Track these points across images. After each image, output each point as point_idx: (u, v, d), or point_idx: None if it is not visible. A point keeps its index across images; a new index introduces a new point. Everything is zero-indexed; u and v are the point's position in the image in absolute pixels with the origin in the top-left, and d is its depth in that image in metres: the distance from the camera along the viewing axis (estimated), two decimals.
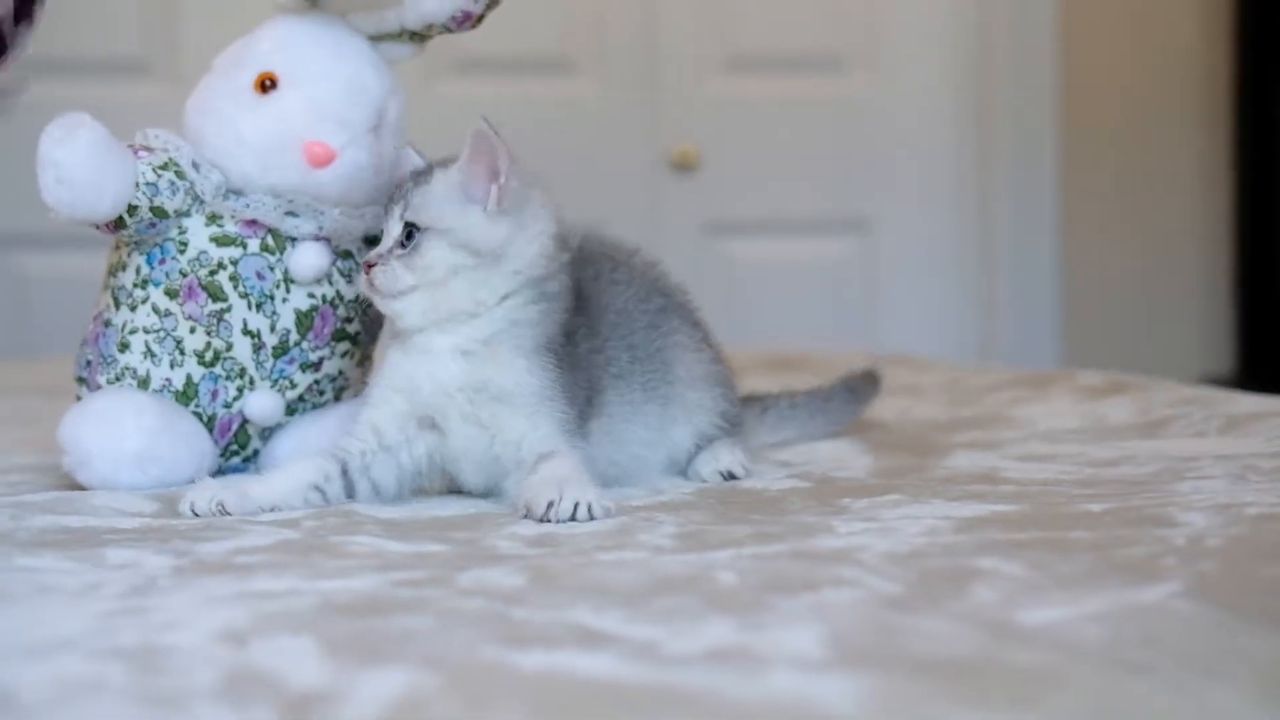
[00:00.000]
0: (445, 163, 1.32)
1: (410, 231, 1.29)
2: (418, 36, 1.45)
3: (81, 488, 1.33)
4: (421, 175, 1.32)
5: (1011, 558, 1.00)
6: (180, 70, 3.03)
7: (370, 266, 1.30)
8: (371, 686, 0.75)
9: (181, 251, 1.38)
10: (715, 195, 3.38)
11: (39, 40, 1.52)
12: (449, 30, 1.44)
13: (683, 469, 1.41)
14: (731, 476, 1.38)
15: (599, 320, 1.35)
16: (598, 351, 1.33)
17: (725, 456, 1.40)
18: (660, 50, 3.36)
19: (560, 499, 1.19)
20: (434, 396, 1.30)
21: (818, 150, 3.40)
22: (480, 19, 1.43)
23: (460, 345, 1.29)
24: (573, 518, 1.19)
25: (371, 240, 1.45)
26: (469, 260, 1.28)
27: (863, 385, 1.64)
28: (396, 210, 1.30)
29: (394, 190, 1.33)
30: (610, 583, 0.96)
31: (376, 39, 1.44)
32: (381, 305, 1.30)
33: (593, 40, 3.33)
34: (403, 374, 1.31)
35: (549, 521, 1.18)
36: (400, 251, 1.29)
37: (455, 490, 1.35)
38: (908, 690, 0.75)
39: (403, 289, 1.28)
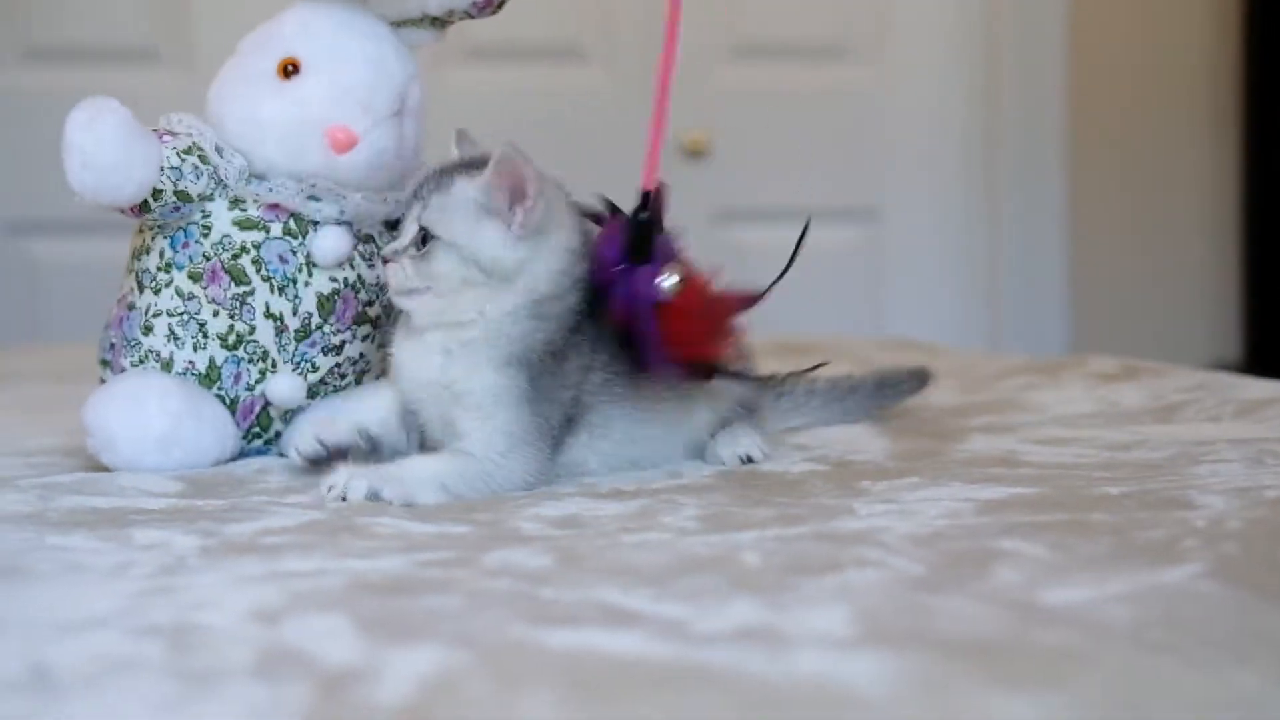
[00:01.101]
0: (473, 166, 1.31)
1: (426, 235, 1.29)
2: (439, 22, 1.46)
3: (105, 469, 1.34)
4: (446, 176, 1.30)
5: (1033, 539, 1.01)
6: (191, 58, 3.04)
7: (386, 261, 1.30)
8: (404, 664, 0.76)
9: (205, 235, 1.39)
10: (725, 183, 3.38)
11: (50, 28, 1.53)
12: (470, 16, 1.44)
13: (702, 452, 1.42)
14: (749, 460, 1.38)
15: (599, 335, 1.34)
16: (588, 369, 1.33)
17: (744, 440, 1.40)
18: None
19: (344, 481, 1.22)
20: (411, 386, 1.33)
21: (826, 139, 3.40)
22: (501, 4, 1.44)
23: (444, 343, 1.30)
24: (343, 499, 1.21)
25: (393, 224, 1.46)
26: (479, 277, 1.28)
27: (900, 381, 1.64)
28: (415, 209, 1.30)
29: (419, 182, 1.32)
30: (636, 563, 0.97)
31: (398, 24, 1.45)
32: (394, 300, 1.31)
33: (602, 28, 3.34)
34: (398, 360, 1.34)
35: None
36: (414, 253, 1.29)
37: None
38: (936, 670, 0.76)
39: (413, 289, 1.29)
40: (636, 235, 1.34)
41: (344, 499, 1.21)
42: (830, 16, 3.41)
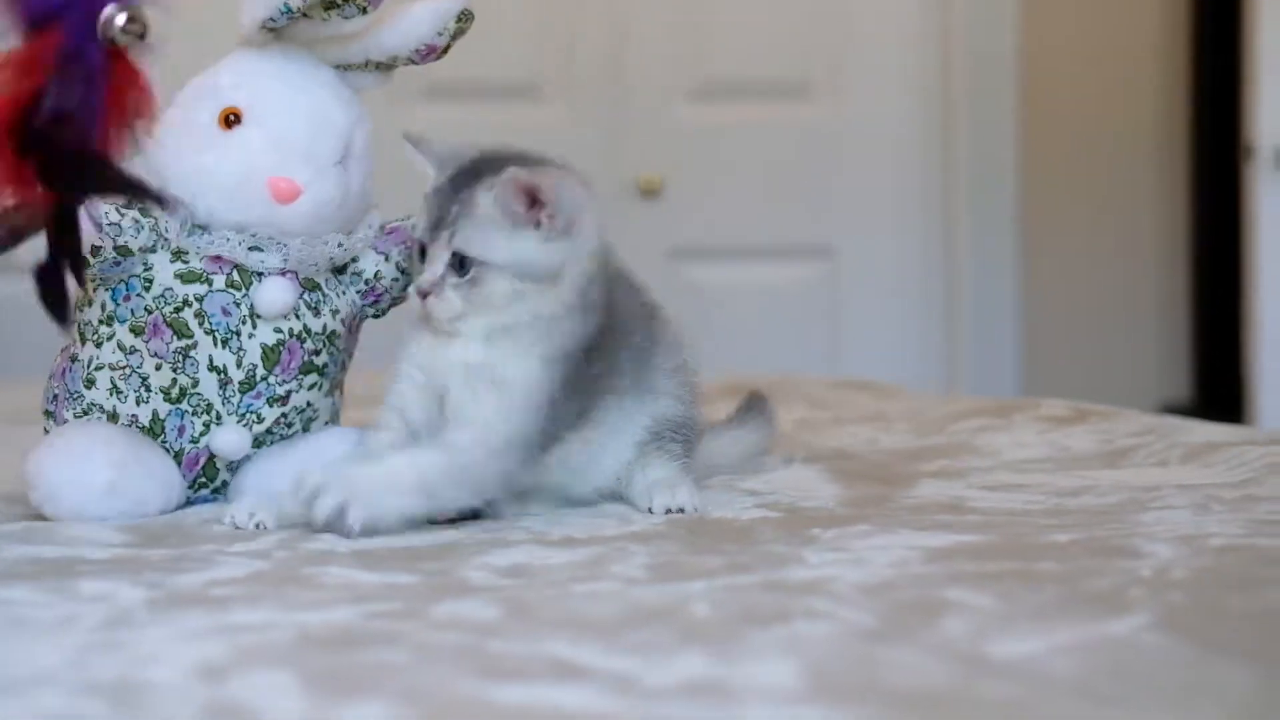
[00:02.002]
0: (488, 168, 1.30)
1: (462, 260, 1.29)
2: (383, 67, 1.46)
3: (49, 520, 1.33)
4: (465, 193, 1.30)
5: (981, 589, 1.01)
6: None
7: (424, 295, 1.30)
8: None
9: (147, 288, 1.38)
10: (681, 221, 3.40)
11: None
12: (413, 62, 1.44)
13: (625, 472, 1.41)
14: (679, 511, 1.36)
15: (614, 337, 1.36)
16: (602, 375, 1.35)
17: (681, 492, 1.37)
18: (627, 77, 3.38)
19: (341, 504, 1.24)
20: (437, 370, 1.32)
21: (782, 177, 3.43)
22: (445, 50, 1.44)
23: (486, 331, 1.31)
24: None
25: (339, 269, 1.45)
26: (531, 287, 1.29)
27: (761, 407, 1.63)
28: (443, 236, 1.29)
29: (433, 206, 1.31)
30: (586, 614, 0.97)
31: (342, 68, 1.44)
32: (438, 328, 1.31)
33: (560, 67, 3.35)
34: (418, 348, 1.33)
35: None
36: (455, 280, 1.29)
37: None
38: None
39: (460, 316, 1.30)
40: None
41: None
42: (786, 56, 3.44)
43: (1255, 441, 1.56)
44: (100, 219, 1.32)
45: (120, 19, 1.24)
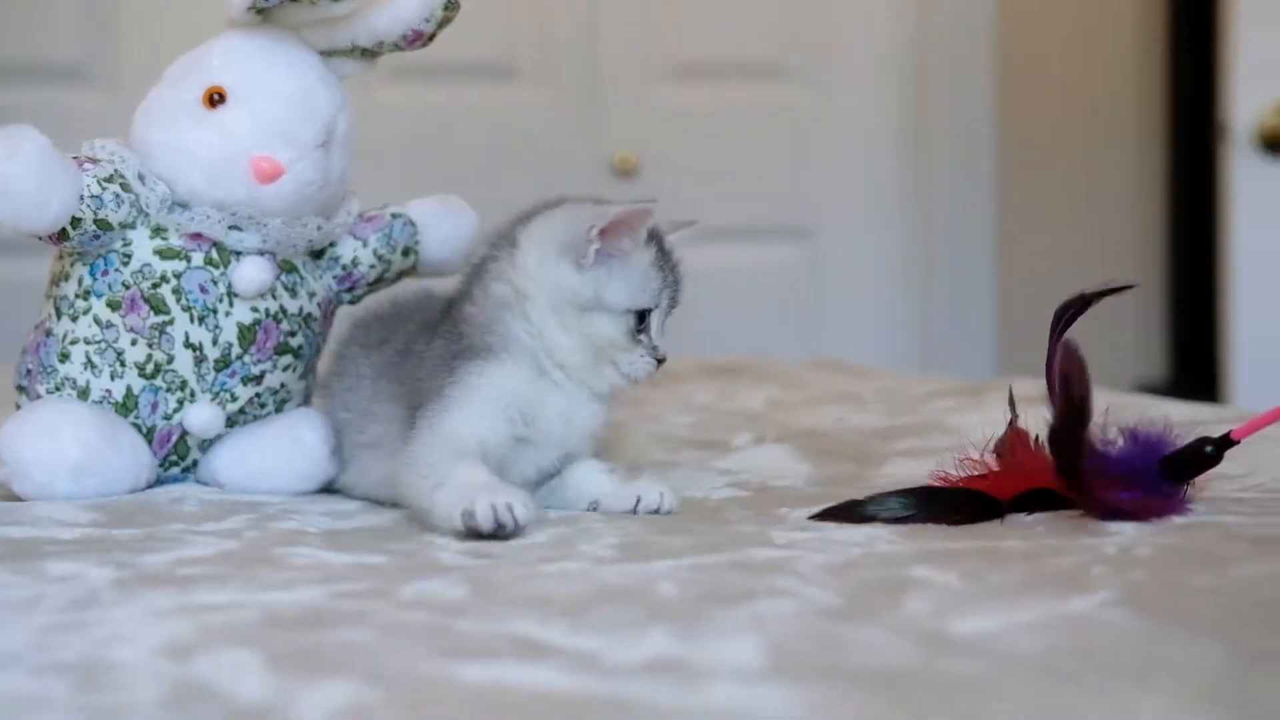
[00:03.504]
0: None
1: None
2: (368, 53, 1.45)
3: (17, 498, 1.33)
4: (674, 259, 1.35)
5: (945, 567, 1.02)
6: (119, 78, 3.02)
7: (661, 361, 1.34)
8: (314, 700, 0.76)
9: (125, 263, 1.38)
10: (658, 202, 3.39)
11: None
12: (399, 48, 1.44)
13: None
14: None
15: None
16: None
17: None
18: (603, 57, 3.37)
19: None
20: (565, 440, 1.32)
21: (759, 158, 3.42)
22: (431, 37, 1.43)
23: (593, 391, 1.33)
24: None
25: (317, 254, 1.45)
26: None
27: None
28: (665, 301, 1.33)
29: (663, 277, 1.33)
30: (552, 594, 0.97)
31: (327, 54, 1.44)
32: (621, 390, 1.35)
33: (535, 47, 3.34)
34: (524, 396, 1.30)
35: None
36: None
37: None
38: (845, 701, 0.76)
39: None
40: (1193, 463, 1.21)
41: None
42: (763, 37, 3.44)
43: (1222, 420, 1.57)
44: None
45: None
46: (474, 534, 1.15)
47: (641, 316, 1.30)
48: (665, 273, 1.32)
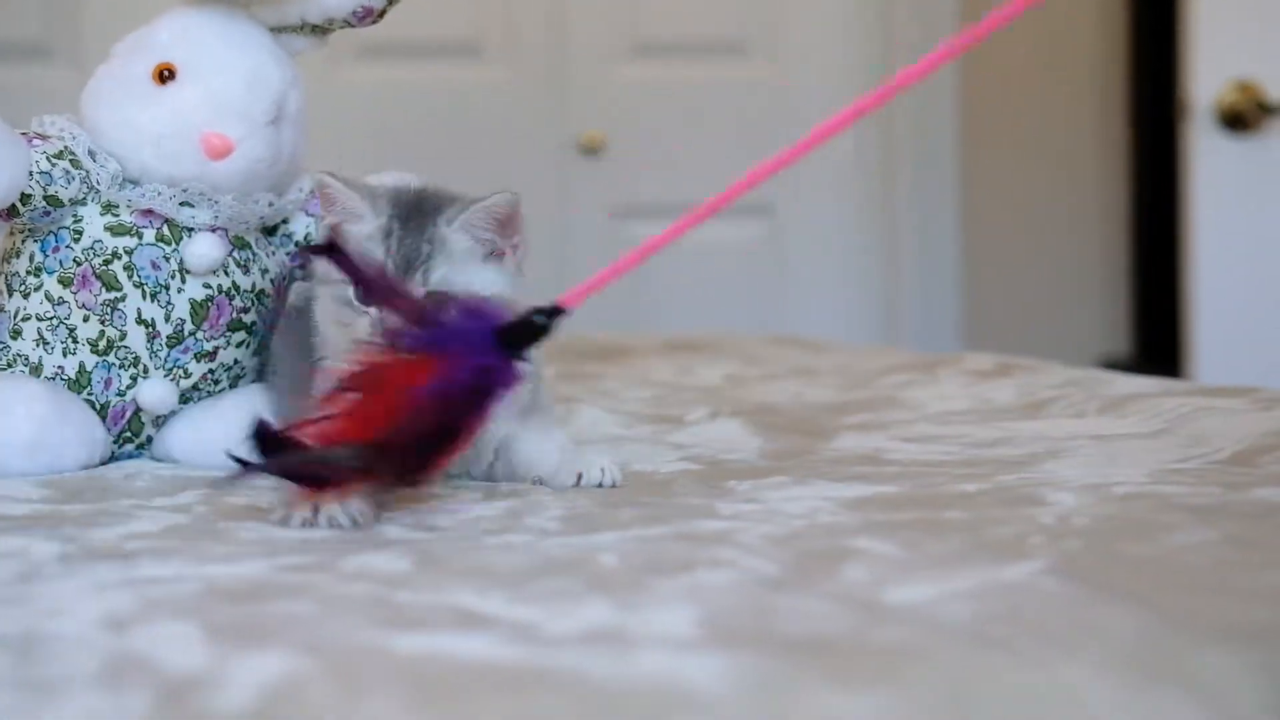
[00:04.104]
0: (441, 202, 1.28)
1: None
2: (319, 30, 1.46)
3: None
4: (432, 230, 1.26)
5: (886, 538, 1.03)
6: (83, 55, 3.01)
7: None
8: (248, 671, 0.77)
9: (76, 240, 1.38)
10: (623, 179, 3.40)
11: None
12: (350, 25, 1.44)
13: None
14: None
15: None
16: None
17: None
18: (568, 35, 3.38)
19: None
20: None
21: (723, 135, 3.43)
22: (382, 14, 1.44)
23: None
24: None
25: (270, 230, 1.46)
26: None
27: None
28: (416, 276, 1.25)
29: (394, 246, 1.25)
30: (495, 565, 0.98)
31: (278, 30, 1.45)
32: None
33: (501, 25, 3.34)
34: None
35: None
36: None
37: None
38: (775, 668, 0.77)
39: None
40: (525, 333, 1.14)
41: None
42: (727, 15, 3.44)
43: (1171, 393, 1.59)
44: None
45: None
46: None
47: None
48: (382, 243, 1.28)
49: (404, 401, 1.09)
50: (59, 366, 1.38)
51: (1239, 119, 2.86)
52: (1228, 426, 1.41)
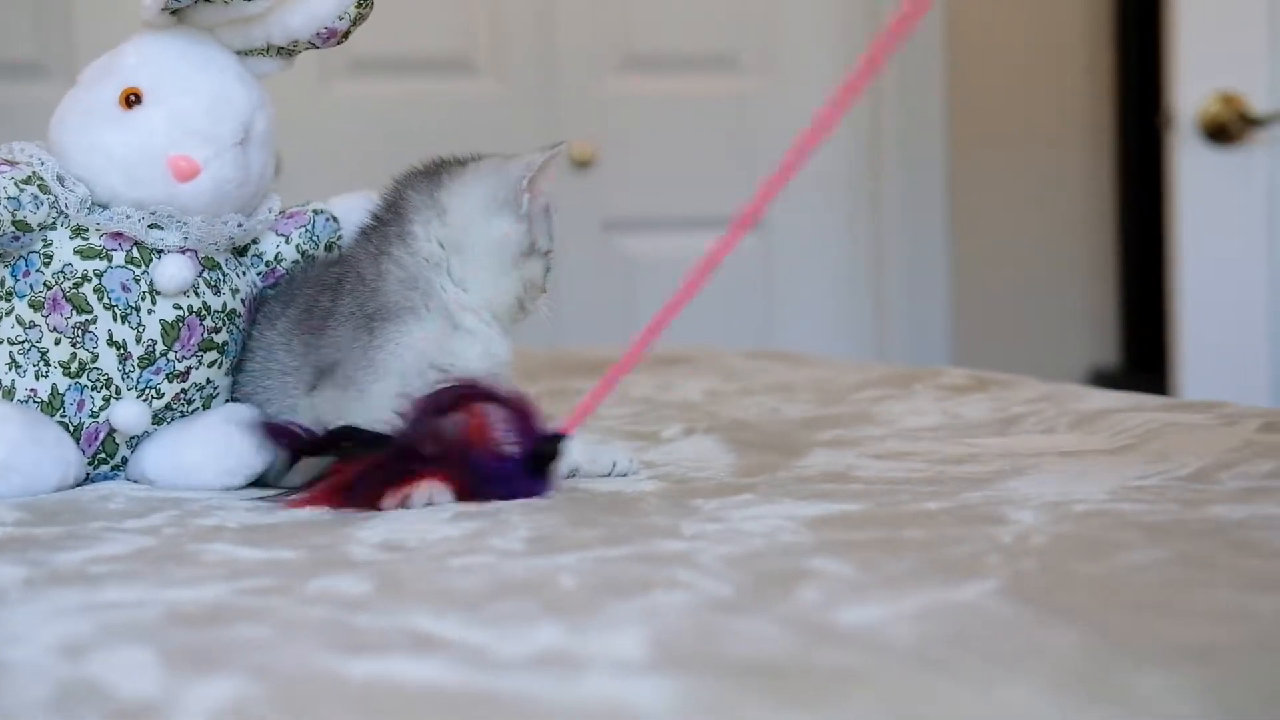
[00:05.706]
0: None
1: None
2: (285, 51, 1.47)
3: None
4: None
5: (843, 557, 1.03)
6: (77, 73, 3.01)
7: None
8: (198, 697, 0.77)
9: (46, 264, 1.39)
10: (614, 193, 3.42)
11: None
12: (315, 46, 1.46)
13: None
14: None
15: None
16: None
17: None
18: (558, 49, 3.39)
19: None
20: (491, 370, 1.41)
21: (714, 148, 3.45)
22: (346, 35, 1.45)
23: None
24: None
25: (240, 250, 1.47)
26: None
27: None
28: None
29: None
30: (454, 588, 0.99)
31: (244, 53, 1.46)
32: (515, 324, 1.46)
33: (490, 39, 3.36)
34: (441, 348, 1.41)
35: None
36: None
37: None
38: (721, 691, 0.78)
39: None
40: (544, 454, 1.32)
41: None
42: (717, 29, 3.46)
43: (1141, 408, 1.59)
44: None
45: None
46: None
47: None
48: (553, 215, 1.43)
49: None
50: (31, 389, 1.39)
51: (1222, 131, 2.87)
52: (1192, 442, 1.42)
